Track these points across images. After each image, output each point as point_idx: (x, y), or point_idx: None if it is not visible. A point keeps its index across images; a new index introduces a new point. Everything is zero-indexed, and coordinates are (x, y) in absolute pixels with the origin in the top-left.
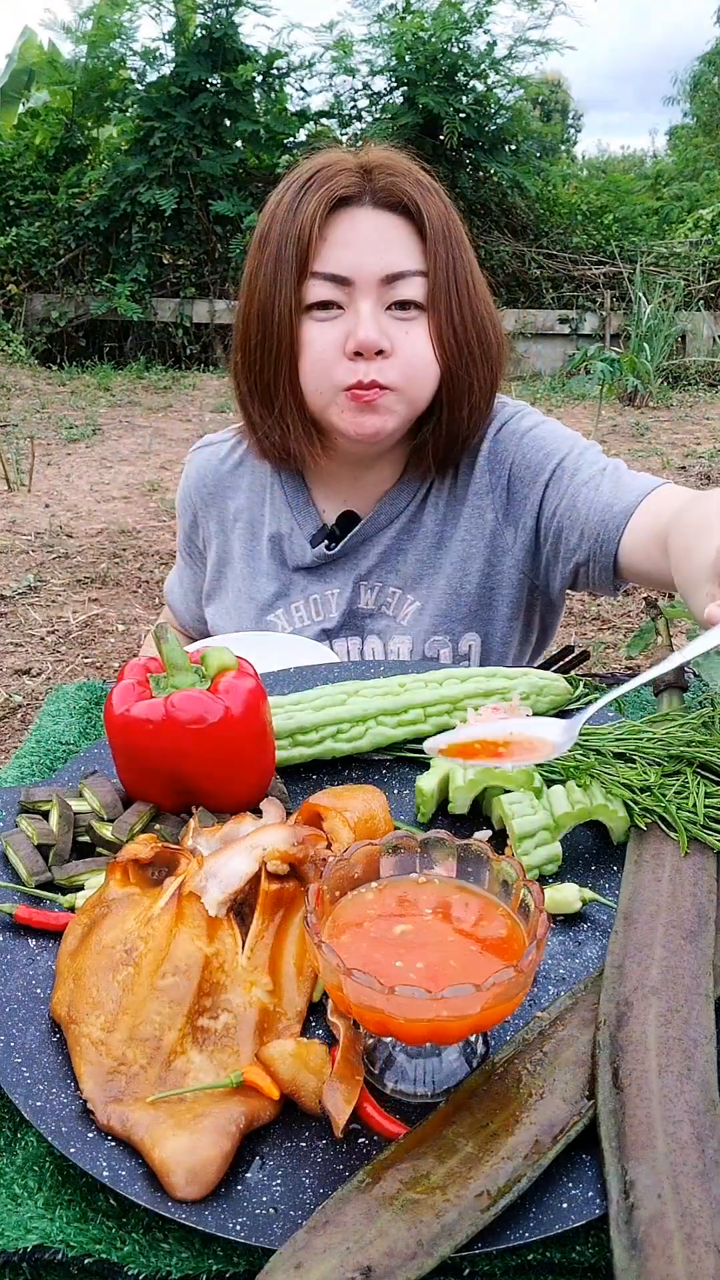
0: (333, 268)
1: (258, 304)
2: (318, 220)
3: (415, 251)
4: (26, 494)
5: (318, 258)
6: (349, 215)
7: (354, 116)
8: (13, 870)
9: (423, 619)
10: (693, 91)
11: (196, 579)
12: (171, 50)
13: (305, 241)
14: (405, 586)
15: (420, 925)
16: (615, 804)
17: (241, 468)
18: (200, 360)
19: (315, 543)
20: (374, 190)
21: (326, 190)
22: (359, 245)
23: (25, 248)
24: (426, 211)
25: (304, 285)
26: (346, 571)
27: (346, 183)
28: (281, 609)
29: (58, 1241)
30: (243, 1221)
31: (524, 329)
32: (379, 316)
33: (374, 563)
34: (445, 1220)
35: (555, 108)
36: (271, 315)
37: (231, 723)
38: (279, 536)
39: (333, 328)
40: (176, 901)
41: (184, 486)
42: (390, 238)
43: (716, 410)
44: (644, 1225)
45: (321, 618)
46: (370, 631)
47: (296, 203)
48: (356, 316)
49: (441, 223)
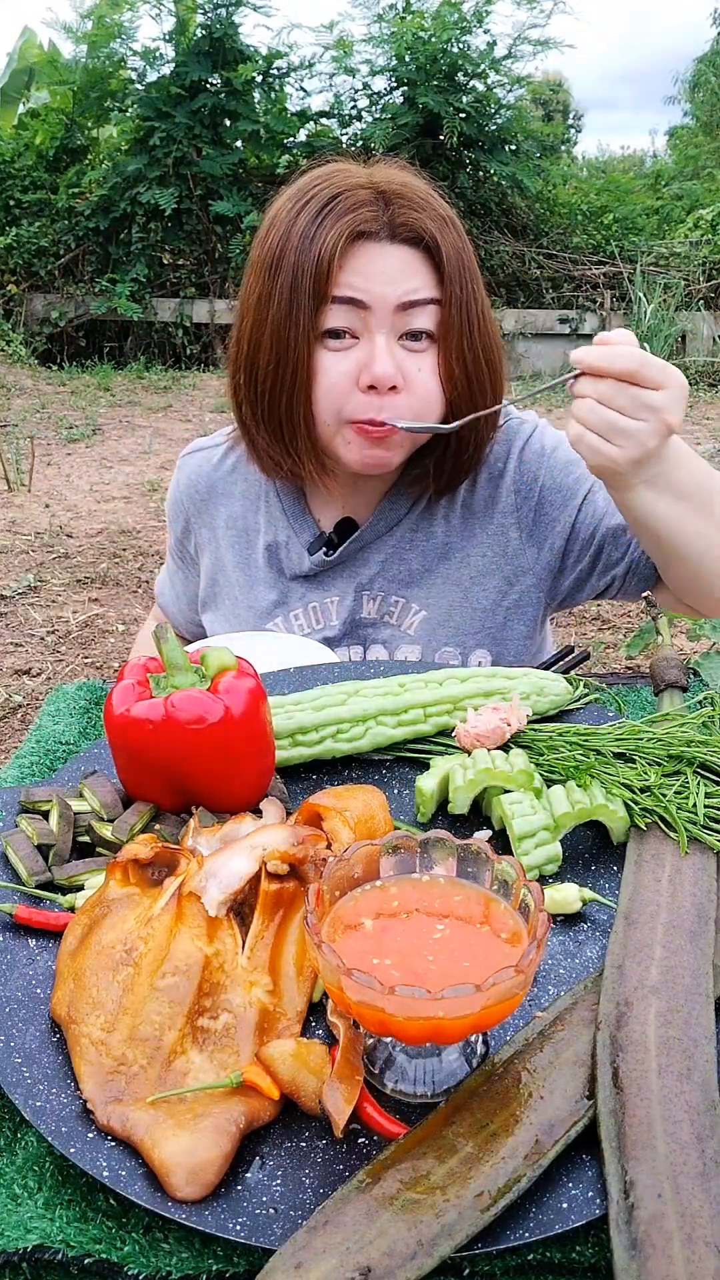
0: (349, 291)
1: (270, 330)
2: (338, 252)
3: (431, 282)
4: (26, 494)
5: (335, 284)
6: (367, 247)
7: (354, 116)
8: (13, 870)
9: (432, 628)
10: (692, 92)
11: (189, 583)
12: (171, 50)
13: (324, 272)
14: (410, 595)
15: (420, 925)
16: (615, 804)
17: (235, 474)
18: (200, 360)
19: (313, 550)
20: (393, 225)
21: (346, 224)
22: (377, 276)
23: (25, 248)
24: (444, 247)
25: (322, 311)
26: (346, 579)
27: (366, 217)
28: (280, 617)
29: (58, 1241)
30: (243, 1221)
31: (524, 329)
32: (393, 348)
33: (375, 570)
34: (445, 1220)
35: (556, 108)
36: (288, 343)
37: (231, 723)
38: (275, 545)
39: (346, 358)
40: (176, 901)
41: (175, 492)
42: (408, 270)
43: (716, 410)
44: (644, 1225)
45: (322, 625)
46: (374, 641)
47: (314, 230)
48: (372, 348)
49: (457, 257)
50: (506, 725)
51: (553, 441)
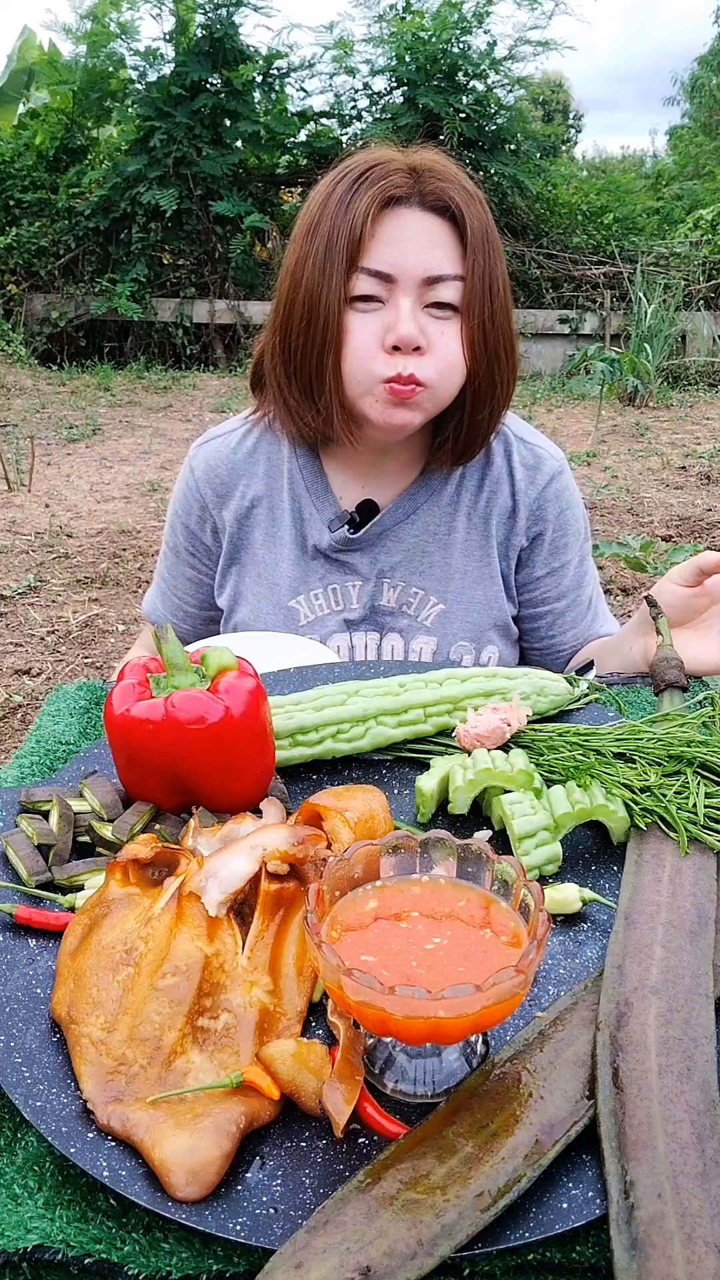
0: (379, 264)
1: (305, 291)
2: (370, 216)
3: (456, 256)
4: (26, 494)
5: (366, 253)
6: (397, 214)
7: (354, 117)
8: (13, 870)
9: (449, 622)
10: (692, 92)
11: (198, 579)
12: (171, 50)
13: (356, 235)
14: (429, 588)
15: (421, 925)
16: (615, 804)
17: (256, 454)
18: (200, 360)
19: (334, 528)
20: (423, 193)
21: (380, 189)
22: (404, 244)
23: (25, 248)
24: (469, 219)
25: (352, 278)
26: (369, 564)
27: (399, 183)
28: (302, 595)
29: (58, 1241)
30: (243, 1221)
31: (524, 329)
32: (418, 314)
33: (398, 560)
34: (445, 1220)
35: (556, 108)
36: (319, 304)
37: (231, 723)
38: (300, 521)
39: (373, 320)
40: (176, 901)
41: (189, 481)
42: (434, 240)
43: (716, 410)
44: (644, 1225)
45: (342, 608)
46: (391, 629)
47: (350, 197)
48: (396, 312)
49: (482, 231)
50: (506, 725)
51: (573, 494)
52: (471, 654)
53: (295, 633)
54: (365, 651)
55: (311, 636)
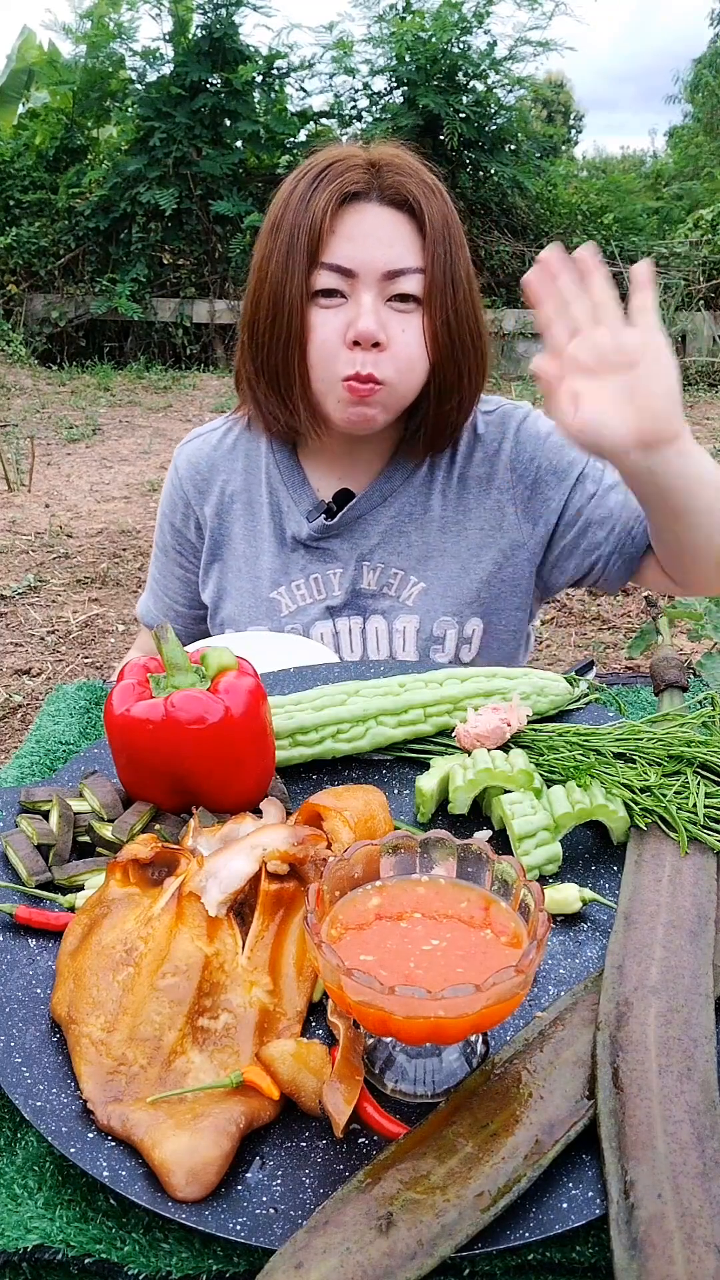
0: (339, 259)
1: (269, 287)
2: (329, 213)
3: (415, 249)
4: (26, 494)
5: (326, 249)
6: (357, 209)
7: (354, 117)
8: (13, 870)
9: (430, 599)
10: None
11: (186, 577)
12: (171, 50)
13: (317, 231)
14: (409, 568)
15: (420, 925)
16: (615, 804)
17: (235, 450)
18: (200, 360)
19: (312, 518)
20: (381, 187)
21: (338, 185)
22: (364, 239)
23: (25, 248)
24: (428, 211)
25: (314, 273)
26: (348, 550)
27: (357, 179)
28: (284, 586)
29: (58, 1241)
30: (243, 1221)
31: (524, 329)
32: (379, 309)
33: (376, 542)
34: (445, 1220)
35: (558, 109)
36: (283, 300)
37: (231, 723)
38: (279, 514)
39: (336, 316)
40: (176, 901)
41: (173, 479)
42: (394, 234)
43: (716, 410)
44: (644, 1225)
45: (324, 596)
46: (373, 611)
47: (310, 194)
48: (358, 307)
49: (441, 222)
50: (506, 725)
51: (547, 426)
52: (455, 628)
53: (278, 624)
54: (349, 636)
55: (294, 627)
